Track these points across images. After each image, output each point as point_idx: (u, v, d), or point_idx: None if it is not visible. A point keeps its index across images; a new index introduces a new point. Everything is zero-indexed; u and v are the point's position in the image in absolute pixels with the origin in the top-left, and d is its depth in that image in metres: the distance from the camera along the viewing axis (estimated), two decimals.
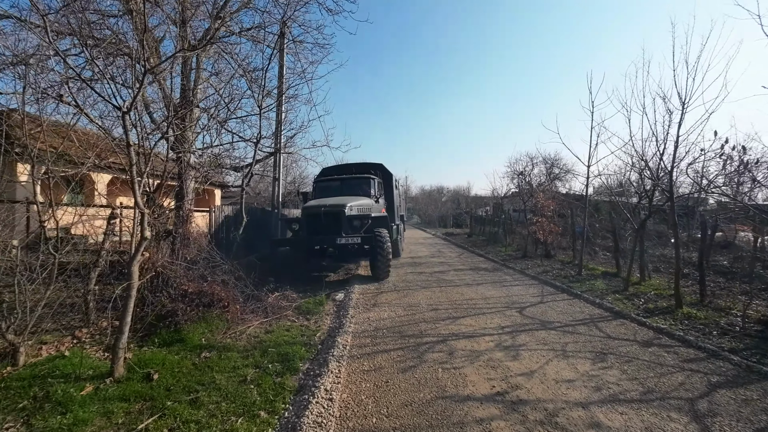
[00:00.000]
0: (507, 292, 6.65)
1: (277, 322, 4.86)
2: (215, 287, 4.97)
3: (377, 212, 8.49)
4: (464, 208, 30.99)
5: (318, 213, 7.48)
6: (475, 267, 9.55)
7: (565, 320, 4.91)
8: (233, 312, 4.82)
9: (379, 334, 4.27)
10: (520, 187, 13.48)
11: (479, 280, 7.68)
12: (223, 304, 4.74)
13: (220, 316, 4.60)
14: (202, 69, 9.24)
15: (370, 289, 6.76)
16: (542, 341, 4.07)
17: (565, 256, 11.00)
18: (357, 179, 9.46)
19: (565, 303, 5.89)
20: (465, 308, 5.43)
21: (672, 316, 5.25)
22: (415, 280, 7.67)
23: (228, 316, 4.66)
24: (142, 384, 2.96)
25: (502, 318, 4.96)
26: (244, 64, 8.24)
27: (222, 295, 4.74)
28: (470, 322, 4.77)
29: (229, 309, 4.78)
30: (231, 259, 6.64)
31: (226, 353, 3.67)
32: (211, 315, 4.47)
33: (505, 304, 5.76)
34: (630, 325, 4.75)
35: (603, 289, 6.98)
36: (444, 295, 6.32)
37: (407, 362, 3.48)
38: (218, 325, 4.40)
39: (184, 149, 6.77)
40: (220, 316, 4.60)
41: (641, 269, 7.46)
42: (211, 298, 4.63)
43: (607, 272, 8.44)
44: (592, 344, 4.01)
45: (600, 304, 5.74)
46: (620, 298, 6.31)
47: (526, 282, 7.67)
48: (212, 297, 4.65)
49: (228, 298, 4.86)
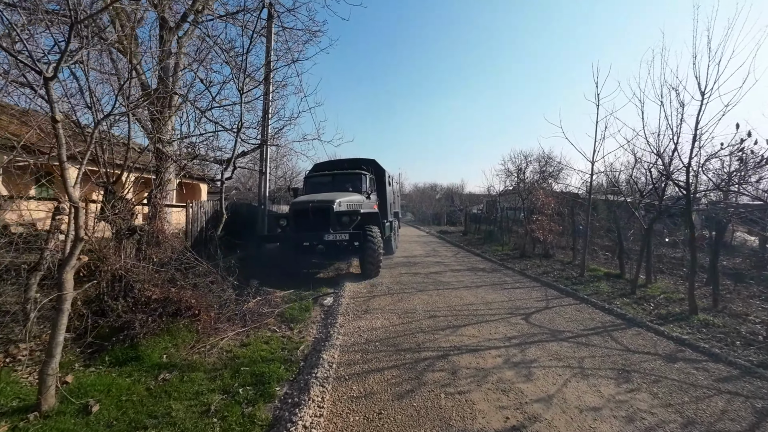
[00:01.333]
0: (509, 295, 6.19)
1: (256, 332, 4.30)
2: (185, 293, 4.38)
3: (368, 209, 8.26)
4: (458, 205, 30.63)
5: (306, 209, 7.25)
6: (472, 267, 9.10)
7: (576, 329, 4.46)
8: (205, 321, 4.24)
9: (371, 348, 3.74)
10: (518, 185, 13.05)
11: (478, 282, 7.21)
12: (193, 313, 4.16)
13: (189, 327, 4.01)
14: (183, 53, 8.56)
15: (362, 293, 6.23)
16: (555, 355, 3.60)
17: (564, 256, 10.63)
18: (348, 175, 9.22)
19: (572, 308, 5.45)
20: (466, 315, 4.95)
21: (688, 323, 4.86)
22: (411, 282, 7.17)
23: (198, 327, 4.08)
24: (75, 419, 2.38)
25: (508, 326, 4.48)
26: (228, 48, 7.60)
27: (192, 301, 4.15)
28: (473, 331, 4.28)
29: (200, 318, 4.20)
30: (210, 260, 6.05)
31: (190, 374, 3.10)
32: (177, 326, 3.88)
33: (509, 309, 5.29)
34: (647, 335, 4.32)
35: (609, 292, 6.58)
36: (442, 299, 5.82)
37: (404, 385, 2.96)
38: (185, 337, 3.82)
39: (161, 138, 6.12)
40: (189, 327, 4.01)
41: (647, 271, 7.09)
42: (178, 305, 4.04)
43: (610, 273, 8.07)
44: (611, 359, 3.56)
45: (610, 309, 5.31)
46: (629, 302, 5.91)
47: (527, 284, 7.23)
48: (180, 304, 4.05)
49: (199, 305, 4.27)
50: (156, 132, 5.60)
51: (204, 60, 7.16)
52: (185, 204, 6.79)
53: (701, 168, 5.48)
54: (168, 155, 5.56)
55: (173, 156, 6.91)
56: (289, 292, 6.12)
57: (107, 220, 4.21)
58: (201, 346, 3.73)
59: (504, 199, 15.42)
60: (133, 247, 4.72)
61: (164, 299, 4.03)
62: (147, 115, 6.76)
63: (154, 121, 6.35)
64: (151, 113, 6.20)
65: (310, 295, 5.98)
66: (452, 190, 43.07)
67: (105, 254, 4.00)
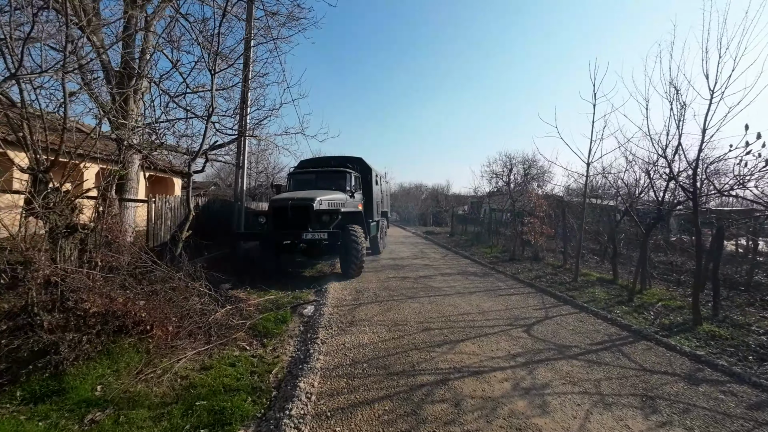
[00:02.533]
0: (505, 303, 5.77)
1: (222, 350, 3.65)
2: (136, 303, 3.68)
3: (352, 207, 8.15)
4: (444, 206, 30.44)
5: (285, 206, 7.02)
6: (463, 271, 8.68)
7: (582, 343, 4.07)
8: (160, 338, 3.56)
9: (358, 372, 3.18)
10: (507, 186, 12.79)
11: (471, 288, 6.78)
12: (143, 328, 3.47)
13: (137, 346, 3.33)
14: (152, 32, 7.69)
15: (347, 300, 5.65)
16: (568, 378, 3.17)
17: (554, 260, 10.42)
18: (332, 173, 9.04)
19: (573, 318, 5.08)
20: (462, 327, 4.47)
21: (694, 335, 4.57)
22: (399, 287, 6.65)
23: (150, 345, 3.40)
24: None
25: (509, 341, 4.03)
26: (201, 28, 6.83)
27: (143, 314, 3.46)
28: (472, 348, 3.79)
29: (153, 334, 3.52)
30: (175, 262, 5.31)
31: (129, 412, 2.45)
32: (121, 345, 3.19)
33: (508, 320, 4.86)
34: (658, 350, 3.97)
35: (605, 298, 6.30)
36: (435, 307, 5.33)
37: (399, 423, 2.43)
38: (131, 359, 3.13)
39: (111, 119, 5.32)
40: (137, 346, 3.33)
41: (642, 277, 6.87)
42: (124, 320, 3.34)
43: (603, 279, 7.84)
44: (630, 382, 3.15)
45: (613, 320, 4.98)
46: (628, 310, 5.62)
47: (521, 290, 6.86)
48: (126, 318, 3.36)
49: (153, 319, 3.59)
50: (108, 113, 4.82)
51: (175, 40, 6.39)
52: (146, 199, 5.99)
53: (704, 171, 5.25)
54: (122, 140, 4.77)
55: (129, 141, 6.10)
56: (265, 299, 5.47)
57: (37, 214, 3.45)
58: (150, 371, 3.06)
59: (492, 201, 15.18)
60: (75, 249, 3.96)
61: (106, 313, 3.32)
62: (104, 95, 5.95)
63: (120, 106, 5.56)
64: (111, 91, 5.41)
65: (289, 303, 5.35)
66: (437, 190, 42.96)
67: (31, 257, 3.25)
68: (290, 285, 6.78)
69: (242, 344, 3.84)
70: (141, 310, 3.50)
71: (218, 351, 3.62)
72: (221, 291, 5.37)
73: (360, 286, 6.58)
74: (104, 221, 4.36)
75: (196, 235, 7.60)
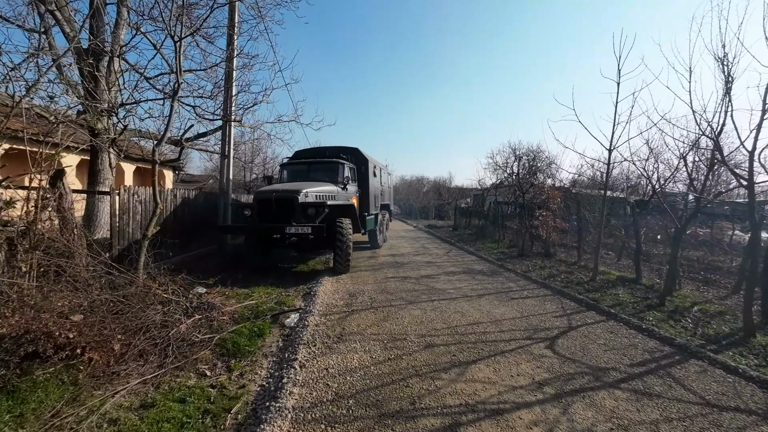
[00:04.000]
0: (519, 308, 5.03)
1: (176, 376, 2.93)
2: (71, 319, 2.96)
3: (342, 200, 7.80)
4: (446, 198, 29.59)
5: (269, 198, 6.66)
6: (469, 269, 7.94)
7: (621, 365, 3.33)
8: (97, 363, 2.84)
9: (341, 413, 2.45)
10: (517, 176, 11.96)
11: (479, 290, 6.04)
12: (72, 352, 2.75)
13: (63, 376, 2.61)
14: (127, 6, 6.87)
15: (338, 306, 4.93)
16: (616, 419, 2.43)
17: (566, 256, 9.66)
18: (325, 164, 8.67)
19: (601, 328, 4.34)
20: (473, 342, 3.73)
21: (749, 349, 3.83)
22: (399, 289, 5.91)
23: (80, 375, 2.68)
24: None
25: (532, 362, 3.29)
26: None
27: (71, 335, 2.73)
28: (487, 372, 3.06)
29: (86, 357, 2.80)
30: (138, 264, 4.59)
31: None
32: (32, 378, 2.47)
33: (525, 331, 4.13)
34: (715, 373, 3.23)
35: (632, 302, 5.56)
36: (439, 315, 4.60)
37: None
38: (50, 395, 2.42)
39: (93, 106, 4.54)
40: (63, 376, 2.61)
41: (671, 277, 6.10)
42: (45, 342, 2.62)
43: (624, 278, 7.08)
44: (697, 425, 2.41)
45: (649, 331, 4.23)
46: (662, 317, 4.87)
47: (535, 291, 6.12)
48: (48, 340, 2.63)
49: (88, 338, 2.86)
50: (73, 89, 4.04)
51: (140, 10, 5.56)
52: (108, 191, 5.23)
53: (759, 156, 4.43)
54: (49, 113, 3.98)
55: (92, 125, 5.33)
56: (244, 305, 4.75)
57: None
58: (69, 412, 2.33)
59: (498, 193, 14.36)
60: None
61: (21, 334, 2.60)
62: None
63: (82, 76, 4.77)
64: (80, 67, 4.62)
65: (270, 310, 4.62)
66: (439, 183, 42.11)
67: None
68: (279, 283, 6.20)
69: (203, 368, 3.12)
70: (70, 328, 2.78)
71: (171, 378, 2.90)
72: (193, 296, 4.66)
73: (354, 289, 5.85)
74: (41, 216, 3.62)
75: (178, 231, 6.92)
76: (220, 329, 3.92)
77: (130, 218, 5.59)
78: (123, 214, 5.42)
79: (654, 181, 6.16)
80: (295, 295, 5.47)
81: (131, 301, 3.76)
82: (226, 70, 7.95)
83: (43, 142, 3.45)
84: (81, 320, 3.08)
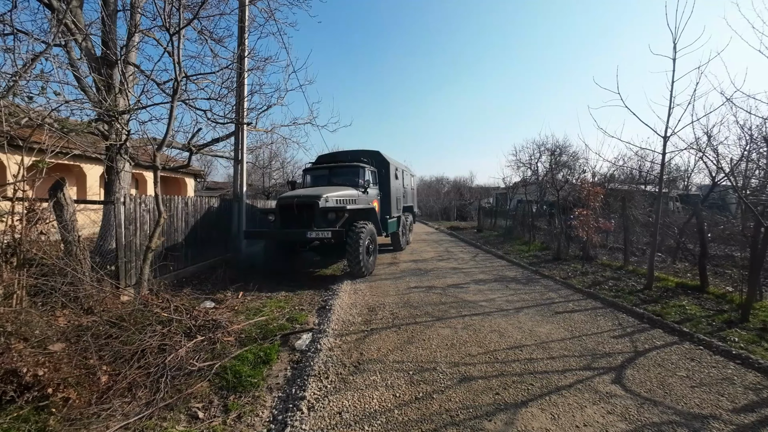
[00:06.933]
0: (568, 326, 4.27)
1: (163, 420, 2.47)
2: (49, 349, 2.57)
3: (363, 204, 7.84)
4: (468, 199, 28.55)
5: (291, 204, 6.75)
6: (500, 276, 7.17)
7: (718, 408, 2.54)
8: (76, 401, 2.43)
9: None
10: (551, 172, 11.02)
11: (515, 302, 5.30)
12: (40, 392, 2.34)
13: (32, 419, 2.20)
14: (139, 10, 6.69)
15: (355, 322, 4.37)
16: None
17: (608, 259, 8.66)
18: (346, 168, 8.78)
19: (677, 354, 3.52)
20: (518, 373, 3.06)
21: None
22: (423, 302, 5.29)
23: (52, 418, 2.27)
24: None
25: (598, 403, 2.58)
26: None
27: (39, 373, 2.32)
28: (543, 420, 2.39)
29: (60, 397, 2.39)
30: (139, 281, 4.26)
31: None
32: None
33: (581, 357, 3.39)
34: None
35: (704, 316, 4.65)
36: (472, 335, 3.93)
37: None
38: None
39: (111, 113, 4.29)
40: (32, 419, 2.20)
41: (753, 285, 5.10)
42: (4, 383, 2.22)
43: (684, 285, 6.10)
44: None
45: (744, 359, 3.36)
46: (750, 338, 3.96)
47: (582, 303, 5.30)
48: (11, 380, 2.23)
49: (66, 373, 2.46)
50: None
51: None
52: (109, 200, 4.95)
53: None
54: (29, 110, 3.67)
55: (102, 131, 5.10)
56: (253, 323, 4.29)
57: None
58: None
59: (527, 191, 13.39)
60: None
61: None
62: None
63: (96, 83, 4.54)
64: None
65: (280, 329, 4.13)
66: (460, 182, 40.98)
67: None
68: (295, 290, 6.01)
69: (196, 407, 2.64)
70: (42, 362, 2.37)
71: (157, 421, 2.44)
72: (199, 312, 4.26)
73: (374, 302, 5.28)
74: (30, 229, 3.30)
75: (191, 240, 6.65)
76: (223, 353, 3.46)
77: (138, 228, 5.30)
78: (129, 225, 5.13)
79: (727, 172, 5.16)
80: (309, 310, 4.98)
81: (126, 323, 3.39)
82: (237, 70, 7.67)
83: (24, 148, 3.13)
84: (62, 349, 2.69)
